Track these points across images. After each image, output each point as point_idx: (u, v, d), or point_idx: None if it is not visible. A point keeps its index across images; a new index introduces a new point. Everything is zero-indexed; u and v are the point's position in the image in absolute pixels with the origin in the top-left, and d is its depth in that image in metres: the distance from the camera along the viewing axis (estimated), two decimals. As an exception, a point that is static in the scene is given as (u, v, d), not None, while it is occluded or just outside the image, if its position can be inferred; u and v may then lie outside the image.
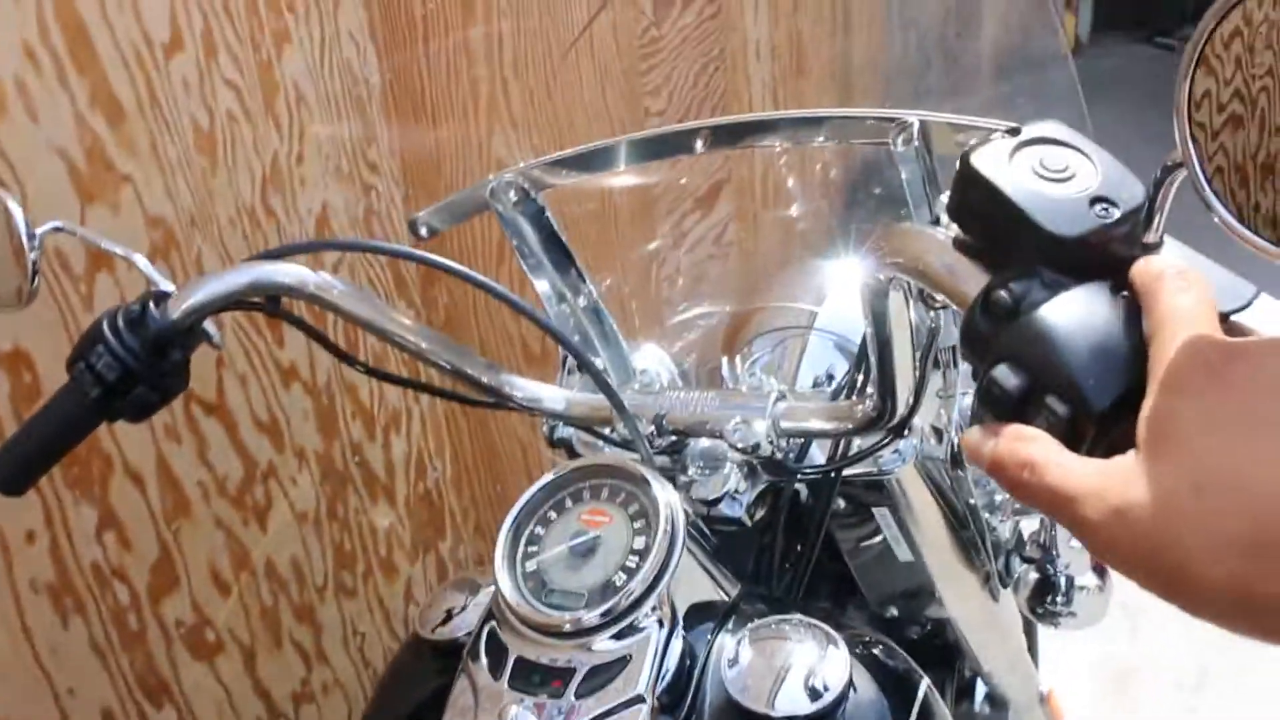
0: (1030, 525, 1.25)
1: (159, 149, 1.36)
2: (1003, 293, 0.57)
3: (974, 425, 0.58)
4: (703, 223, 2.65)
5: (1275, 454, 0.47)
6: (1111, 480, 0.50)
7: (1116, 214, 0.59)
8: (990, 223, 0.62)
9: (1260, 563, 0.46)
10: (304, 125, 1.57)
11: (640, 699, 0.75)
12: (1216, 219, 0.55)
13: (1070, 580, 1.23)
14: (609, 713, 0.75)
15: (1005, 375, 0.55)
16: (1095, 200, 0.60)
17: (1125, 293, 0.57)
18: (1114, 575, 1.26)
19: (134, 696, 1.44)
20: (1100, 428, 0.53)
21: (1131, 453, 0.51)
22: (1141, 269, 0.56)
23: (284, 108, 1.54)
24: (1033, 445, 0.53)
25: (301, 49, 1.54)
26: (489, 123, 1.93)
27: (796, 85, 3.24)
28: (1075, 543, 1.22)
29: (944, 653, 1.30)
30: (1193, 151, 0.55)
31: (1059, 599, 1.23)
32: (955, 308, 0.63)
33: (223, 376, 1.50)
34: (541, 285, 1.12)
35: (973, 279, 0.62)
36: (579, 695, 0.76)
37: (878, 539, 1.06)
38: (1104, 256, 0.59)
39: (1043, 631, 1.70)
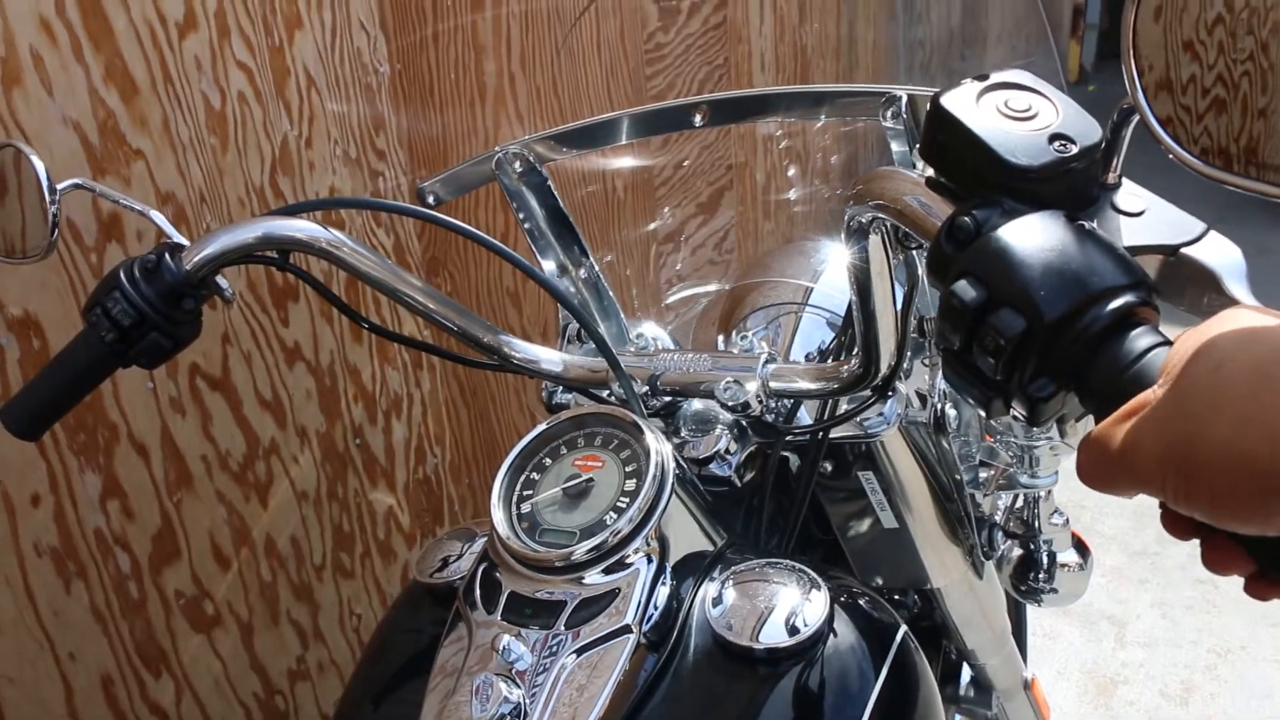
0: (1015, 503, 1.27)
1: (171, 126, 1.40)
2: (965, 218, 0.61)
3: (939, 339, 0.61)
4: (705, 227, 2.68)
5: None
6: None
7: (1074, 149, 0.64)
8: (957, 158, 0.66)
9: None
10: (313, 110, 1.60)
11: (627, 629, 0.78)
12: (1164, 148, 0.59)
13: (1052, 557, 1.25)
14: (597, 642, 0.77)
15: (964, 289, 0.59)
16: (1054, 137, 0.64)
17: (1081, 221, 0.60)
18: (1095, 554, 1.29)
19: (133, 664, 1.46)
20: (1049, 339, 0.56)
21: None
22: None
23: (294, 92, 1.57)
24: None
25: (312, 34, 1.58)
26: (495, 115, 1.97)
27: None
28: (1057, 519, 1.24)
29: (931, 634, 1.33)
30: (1140, 88, 0.60)
31: (1041, 576, 1.25)
32: (928, 243, 0.66)
33: (228, 353, 1.52)
34: (544, 257, 1.15)
35: (943, 212, 0.66)
36: (569, 626, 0.78)
37: (864, 508, 1.08)
38: (1063, 189, 0.63)
39: (1031, 631, 1.73)
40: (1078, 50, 8.32)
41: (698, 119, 1.08)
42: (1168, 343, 0.55)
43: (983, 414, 0.74)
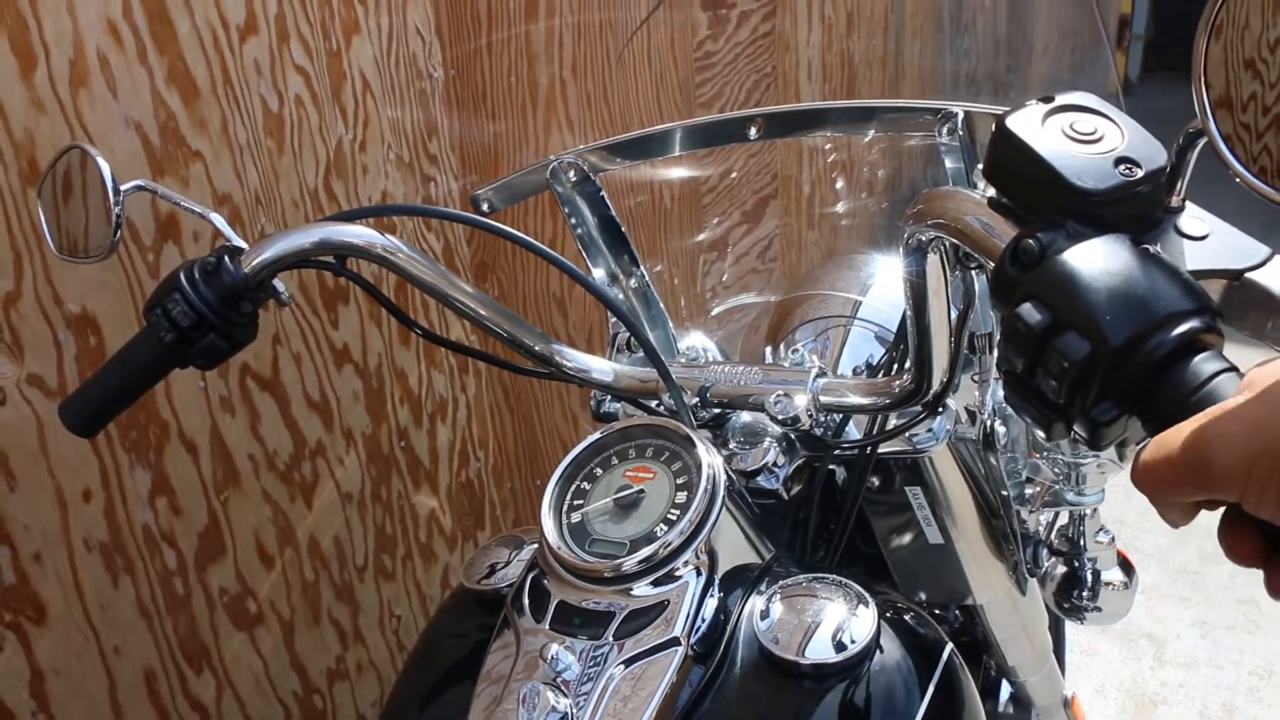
0: (1060, 520, 1.27)
1: (229, 129, 1.41)
2: (1030, 241, 0.61)
3: (1001, 361, 0.61)
4: (749, 235, 2.68)
5: None
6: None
7: (1140, 173, 0.63)
8: (1022, 180, 0.66)
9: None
10: (368, 114, 1.62)
11: (676, 641, 0.78)
12: (1231, 172, 0.59)
13: (1097, 575, 1.24)
14: (645, 654, 0.78)
15: (1029, 312, 0.59)
16: (1120, 160, 0.64)
17: (1145, 246, 0.60)
18: (1139, 571, 1.28)
19: (175, 660, 1.48)
20: (1113, 363, 0.56)
21: None
22: None
23: (350, 96, 1.59)
24: None
25: (370, 40, 1.59)
26: (546, 122, 1.98)
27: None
28: (1102, 537, 1.24)
29: (971, 650, 1.32)
30: (1210, 113, 0.60)
31: (1085, 594, 1.24)
32: (989, 263, 0.66)
33: (278, 354, 1.54)
34: (595, 265, 1.15)
35: (1005, 234, 0.66)
36: (617, 637, 0.79)
37: (910, 522, 1.08)
38: (1127, 212, 0.63)
39: (1068, 648, 1.72)
40: (1123, 61, 8.27)
41: (753, 132, 1.09)
42: (1233, 368, 0.55)
43: (1040, 434, 0.74)
